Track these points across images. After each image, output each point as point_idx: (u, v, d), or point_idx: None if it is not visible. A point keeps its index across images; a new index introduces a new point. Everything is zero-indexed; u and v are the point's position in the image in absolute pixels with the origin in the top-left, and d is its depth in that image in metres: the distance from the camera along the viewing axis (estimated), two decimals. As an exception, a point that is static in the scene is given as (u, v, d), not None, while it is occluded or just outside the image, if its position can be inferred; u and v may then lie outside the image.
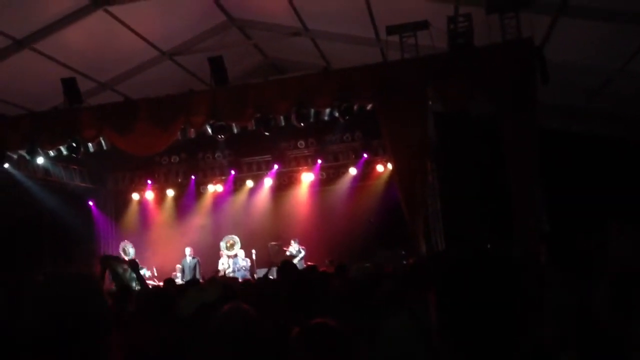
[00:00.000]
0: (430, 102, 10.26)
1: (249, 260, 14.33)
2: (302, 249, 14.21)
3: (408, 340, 2.88)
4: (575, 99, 11.59)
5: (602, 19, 8.73)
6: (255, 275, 13.48)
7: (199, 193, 16.17)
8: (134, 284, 5.27)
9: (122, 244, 15.10)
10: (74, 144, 10.88)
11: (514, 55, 9.03)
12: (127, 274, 5.14)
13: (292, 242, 14.34)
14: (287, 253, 14.07)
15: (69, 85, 10.57)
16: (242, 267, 14.15)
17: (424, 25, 9.35)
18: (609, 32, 9.00)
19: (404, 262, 11.08)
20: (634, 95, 10.62)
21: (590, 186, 11.56)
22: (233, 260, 14.46)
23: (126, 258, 14.65)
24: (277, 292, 4.50)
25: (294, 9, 11.02)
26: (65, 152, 11.23)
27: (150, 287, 6.95)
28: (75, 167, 14.61)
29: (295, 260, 13.76)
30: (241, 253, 14.39)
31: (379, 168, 14.94)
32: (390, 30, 9.60)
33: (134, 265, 5.15)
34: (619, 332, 2.26)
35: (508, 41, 9.11)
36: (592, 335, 2.66)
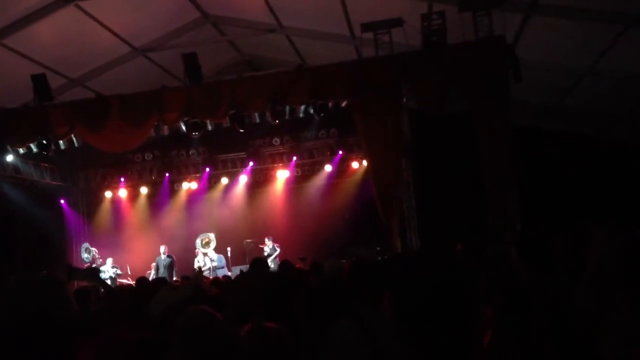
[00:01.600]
0: (404, 100, 10.32)
1: (223, 258, 14.24)
2: (277, 246, 14.19)
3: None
4: (548, 97, 11.76)
5: (573, 17, 8.86)
6: (230, 273, 13.40)
7: (173, 191, 16.03)
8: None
9: (83, 246, 14.89)
10: (44, 142, 10.68)
11: (486, 53, 9.13)
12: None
13: (267, 240, 14.31)
14: (264, 252, 14.03)
15: (39, 81, 10.38)
16: (214, 267, 13.99)
17: (398, 22, 9.39)
18: (579, 31, 9.13)
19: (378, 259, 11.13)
20: (605, 94, 10.82)
21: (563, 183, 11.77)
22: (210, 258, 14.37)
23: (88, 257, 14.48)
24: (250, 290, 4.48)
25: (269, 5, 10.98)
26: (35, 150, 11.02)
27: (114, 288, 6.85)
28: (45, 165, 14.36)
29: (271, 259, 13.74)
30: (212, 253, 14.28)
31: (354, 165, 14.98)
32: (365, 27, 9.62)
33: (92, 273, 5.05)
34: (591, 330, 2.30)
35: (481, 39, 9.19)
36: (563, 333, 2.70)
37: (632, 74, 9.81)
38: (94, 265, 13.68)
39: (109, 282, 13.31)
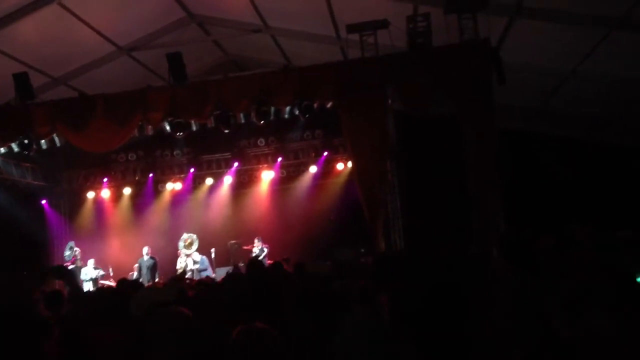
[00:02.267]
0: (390, 101, 10.34)
1: (206, 259, 14.14)
2: (265, 247, 14.12)
3: (369, 335, 2.89)
4: (533, 99, 11.85)
5: (557, 21, 8.94)
6: (214, 275, 13.31)
7: (157, 191, 15.90)
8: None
9: (68, 244, 14.72)
10: (25, 141, 10.56)
11: (471, 56, 9.17)
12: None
13: (256, 240, 14.21)
14: (253, 253, 13.95)
15: (21, 80, 10.26)
16: (196, 269, 13.88)
17: (383, 24, 9.41)
18: (563, 34, 9.22)
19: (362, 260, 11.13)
20: (589, 97, 10.93)
21: (549, 185, 11.87)
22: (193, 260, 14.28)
23: (70, 254, 14.28)
24: (237, 292, 4.45)
25: (254, 5, 10.95)
26: (16, 149, 10.89)
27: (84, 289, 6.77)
28: (27, 164, 14.17)
29: (259, 259, 13.68)
30: (196, 255, 14.19)
31: (339, 166, 14.98)
32: (351, 28, 9.63)
33: (61, 272, 4.95)
34: (569, 331, 2.30)
35: (466, 41, 9.24)
36: (543, 333, 2.71)
37: (616, 77, 9.92)
38: (72, 266, 13.52)
39: (90, 284, 13.17)
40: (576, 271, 2.95)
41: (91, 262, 13.99)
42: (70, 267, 13.22)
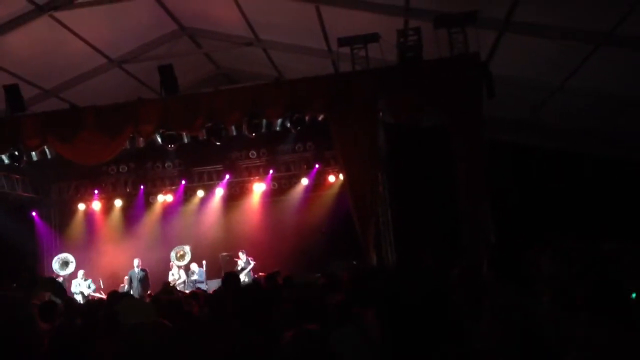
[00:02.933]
0: (381, 114, 10.40)
1: (203, 272, 14.12)
2: (251, 260, 14.10)
3: (353, 353, 2.90)
4: (523, 112, 11.95)
5: (545, 35, 9.05)
6: (206, 287, 13.27)
7: (148, 203, 15.87)
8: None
9: (59, 257, 14.65)
10: (16, 153, 10.53)
11: (461, 69, 9.25)
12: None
13: (240, 253, 14.20)
14: (238, 266, 13.94)
15: (12, 92, 10.24)
16: (195, 281, 13.91)
17: (374, 38, 9.49)
18: (551, 49, 9.32)
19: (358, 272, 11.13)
20: (577, 110, 11.04)
21: (538, 197, 11.94)
22: (186, 271, 14.26)
23: (65, 272, 14.23)
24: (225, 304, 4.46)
25: (246, 19, 11.01)
26: (6, 161, 10.84)
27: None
28: (17, 176, 14.13)
29: (244, 272, 13.66)
30: (194, 266, 14.19)
31: (331, 178, 15.02)
32: (342, 42, 9.70)
33: (52, 284, 4.99)
34: (559, 341, 2.33)
35: (456, 56, 9.33)
36: (532, 343, 2.73)
37: (604, 91, 10.03)
38: (60, 279, 13.45)
39: (79, 297, 13.08)
40: (563, 283, 2.98)
41: (81, 274, 13.93)
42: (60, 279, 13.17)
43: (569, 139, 12.26)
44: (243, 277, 13.57)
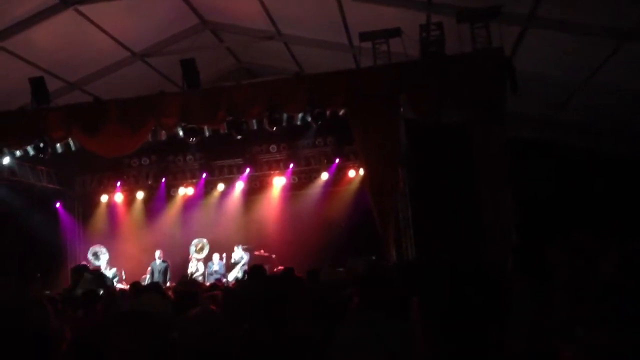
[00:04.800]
0: (402, 109, 10.35)
1: (223, 264, 14.21)
2: (246, 254, 14.12)
3: (363, 349, 2.88)
4: (544, 109, 11.81)
5: (570, 31, 8.93)
6: (224, 280, 13.38)
7: (169, 196, 15.99)
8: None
9: (93, 248, 14.86)
10: (41, 145, 10.68)
11: (484, 65, 9.16)
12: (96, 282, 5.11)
13: (236, 247, 14.21)
14: (232, 259, 13.98)
15: (37, 84, 10.38)
16: (214, 272, 14.01)
17: (396, 32, 9.44)
18: (575, 45, 9.20)
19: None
20: (600, 107, 10.88)
21: (560, 195, 11.80)
22: (205, 263, 14.35)
23: (97, 263, 14.46)
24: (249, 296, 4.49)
25: (268, 13, 11.02)
26: (32, 153, 11.02)
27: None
28: (42, 168, 14.34)
29: (238, 266, 13.71)
30: (215, 257, 14.27)
31: (351, 173, 14.98)
32: (363, 36, 9.66)
33: (99, 279, 5.12)
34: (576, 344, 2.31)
35: (478, 50, 9.24)
36: (554, 343, 2.71)
37: (627, 89, 9.87)
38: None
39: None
40: (584, 282, 2.95)
41: (104, 263, 14.13)
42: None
43: (594, 137, 12.09)
44: (237, 272, 13.64)
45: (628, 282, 2.63)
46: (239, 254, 14.07)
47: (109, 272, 13.83)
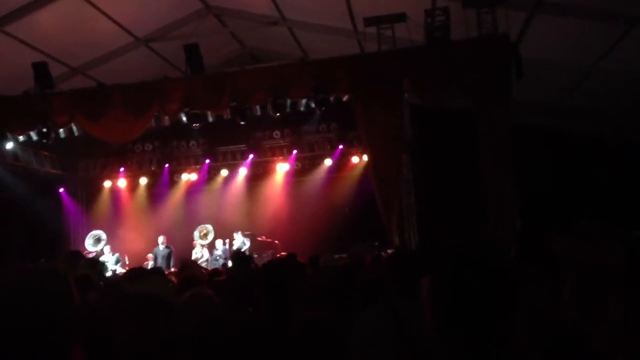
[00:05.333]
0: (406, 95, 10.30)
1: (227, 250, 14.22)
2: (247, 240, 14.12)
3: (382, 332, 2.90)
4: (550, 95, 11.73)
5: (577, 16, 8.84)
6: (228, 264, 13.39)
7: (172, 182, 16.00)
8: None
9: (92, 233, 14.89)
10: (44, 130, 10.68)
11: (489, 50, 9.09)
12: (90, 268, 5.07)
13: (235, 234, 14.21)
14: (233, 246, 13.99)
15: (40, 69, 10.36)
16: (218, 257, 14.03)
17: (401, 17, 9.37)
18: (582, 30, 9.11)
19: (381, 254, 11.14)
20: (606, 93, 10.80)
21: (565, 182, 11.76)
22: (210, 249, 14.37)
23: (96, 248, 14.47)
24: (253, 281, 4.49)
25: (272, -3, 10.94)
26: (35, 138, 11.02)
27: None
28: (45, 153, 14.33)
29: None
30: (219, 242, 14.28)
31: (354, 159, 14.95)
32: (368, 22, 9.60)
33: (94, 265, 5.07)
34: (585, 329, 2.29)
35: (484, 36, 9.17)
36: (559, 332, 2.70)
37: (636, 74, 9.79)
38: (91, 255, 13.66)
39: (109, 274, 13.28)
40: (591, 269, 2.93)
41: (107, 249, 14.15)
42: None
43: (600, 123, 12.02)
44: None
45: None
46: (240, 240, 14.08)
47: (112, 258, 13.85)
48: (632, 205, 10.32)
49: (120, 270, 13.68)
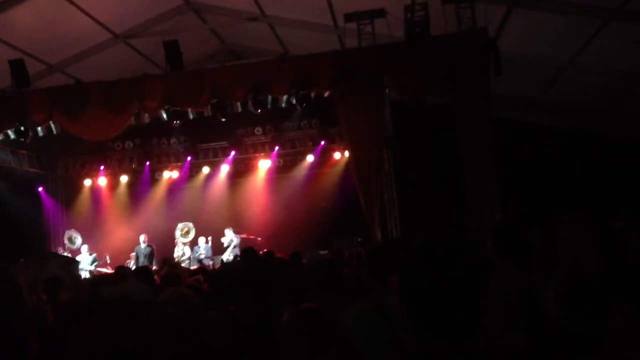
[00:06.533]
0: (387, 91, 10.33)
1: (210, 248, 14.17)
2: (237, 237, 14.10)
3: (370, 328, 2.91)
4: (529, 90, 11.85)
5: (555, 10, 8.92)
6: (211, 262, 13.35)
7: (153, 179, 15.88)
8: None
9: (67, 233, 14.75)
10: (22, 128, 10.54)
11: (469, 46, 9.14)
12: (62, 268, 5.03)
13: (226, 230, 14.17)
14: (223, 243, 13.95)
15: (17, 67, 10.22)
16: (200, 254, 13.97)
17: (381, 13, 9.38)
18: (560, 25, 9.20)
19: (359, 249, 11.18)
20: (585, 87, 10.93)
21: (545, 175, 11.90)
22: (192, 247, 14.30)
23: (73, 247, 14.35)
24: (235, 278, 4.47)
25: (252, -7, 10.89)
26: (13, 136, 10.86)
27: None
28: (23, 151, 14.15)
29: (230, 249, 13.69)
30: (201, 240, 14.21)
31: (336, 155, 14.97)
32: (348, 17, 9.60)
33: (67, 263, 5.04)
34: (566, 322, 2.33)
35: (463, 31, 9.21)
36: (538, 322, 2.74)
37: (613, 68, 9.92)
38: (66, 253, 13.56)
39: (85, 273, 13.15)
40: (569, 260, 2.98)
41: (85, 249, 14.03)
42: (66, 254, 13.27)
43: (578, 117, 12.17)
44: (228, 255, 13.63)
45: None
46: (230, 237, 14.03)
47: (89, 258, 13.73)
48: (610, 197, 10.48)
49: (96, 270, 13.56)
